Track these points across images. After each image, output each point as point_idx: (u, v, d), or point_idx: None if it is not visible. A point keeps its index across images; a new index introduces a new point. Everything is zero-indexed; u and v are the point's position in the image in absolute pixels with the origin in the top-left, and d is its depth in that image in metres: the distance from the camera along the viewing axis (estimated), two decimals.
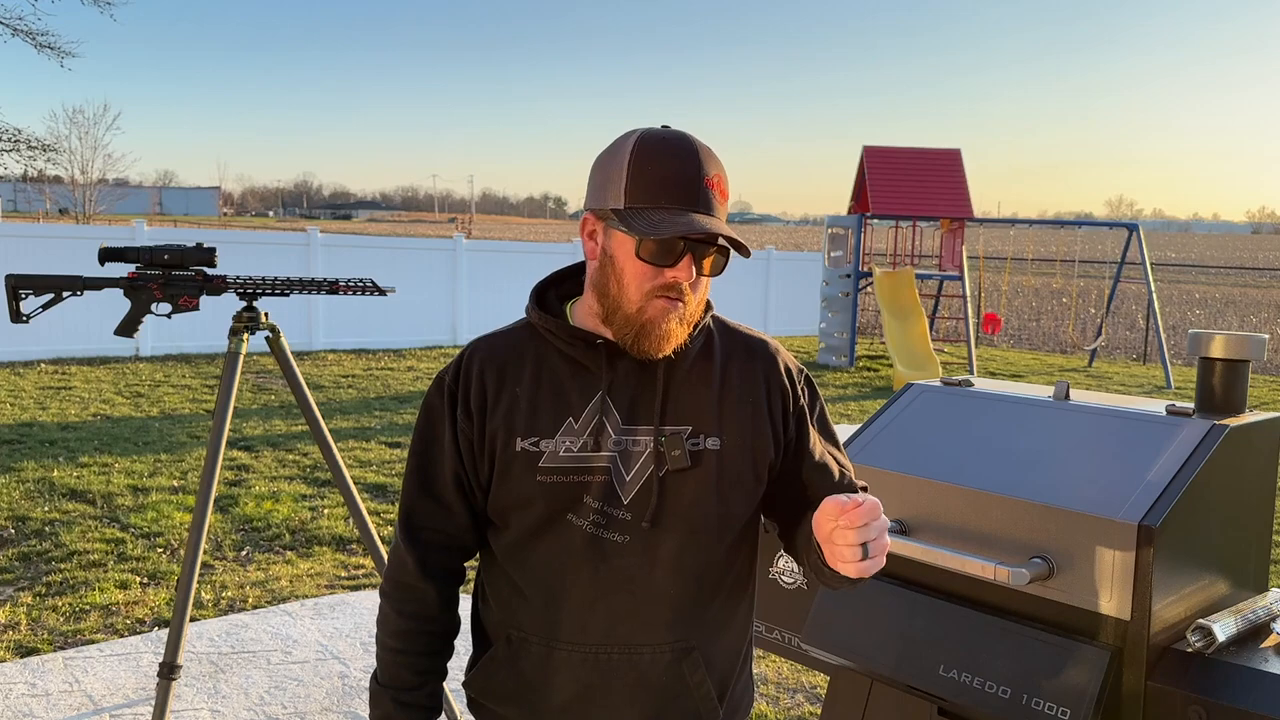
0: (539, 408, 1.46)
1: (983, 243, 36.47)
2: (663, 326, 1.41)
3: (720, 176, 1.43)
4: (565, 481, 1.44)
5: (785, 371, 1.58)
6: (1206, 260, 75.37)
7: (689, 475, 1.45)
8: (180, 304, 3.10)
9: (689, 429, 1.47)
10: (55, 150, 26.19)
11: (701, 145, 1.43)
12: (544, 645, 1.48)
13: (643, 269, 1.41)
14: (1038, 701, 1.92)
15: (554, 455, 1.44)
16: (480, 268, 15.25)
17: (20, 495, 6.24)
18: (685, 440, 1.46)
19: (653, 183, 1.39)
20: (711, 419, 1.48)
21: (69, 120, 71.85)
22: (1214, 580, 2.06)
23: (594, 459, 1.44)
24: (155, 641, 4.22)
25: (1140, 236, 15.05)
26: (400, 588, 1.53)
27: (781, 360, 1.59)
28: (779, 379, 1.56)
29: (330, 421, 8.91)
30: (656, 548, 1.45)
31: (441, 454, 1.50)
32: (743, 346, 1.56)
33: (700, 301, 1.47)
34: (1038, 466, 2.09)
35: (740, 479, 1.49)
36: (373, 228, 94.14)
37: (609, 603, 1.45)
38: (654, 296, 1.41)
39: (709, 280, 1.47)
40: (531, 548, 1.47)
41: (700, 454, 1.46)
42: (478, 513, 1.53)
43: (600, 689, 1.47)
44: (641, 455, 1.45)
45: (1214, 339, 2.15)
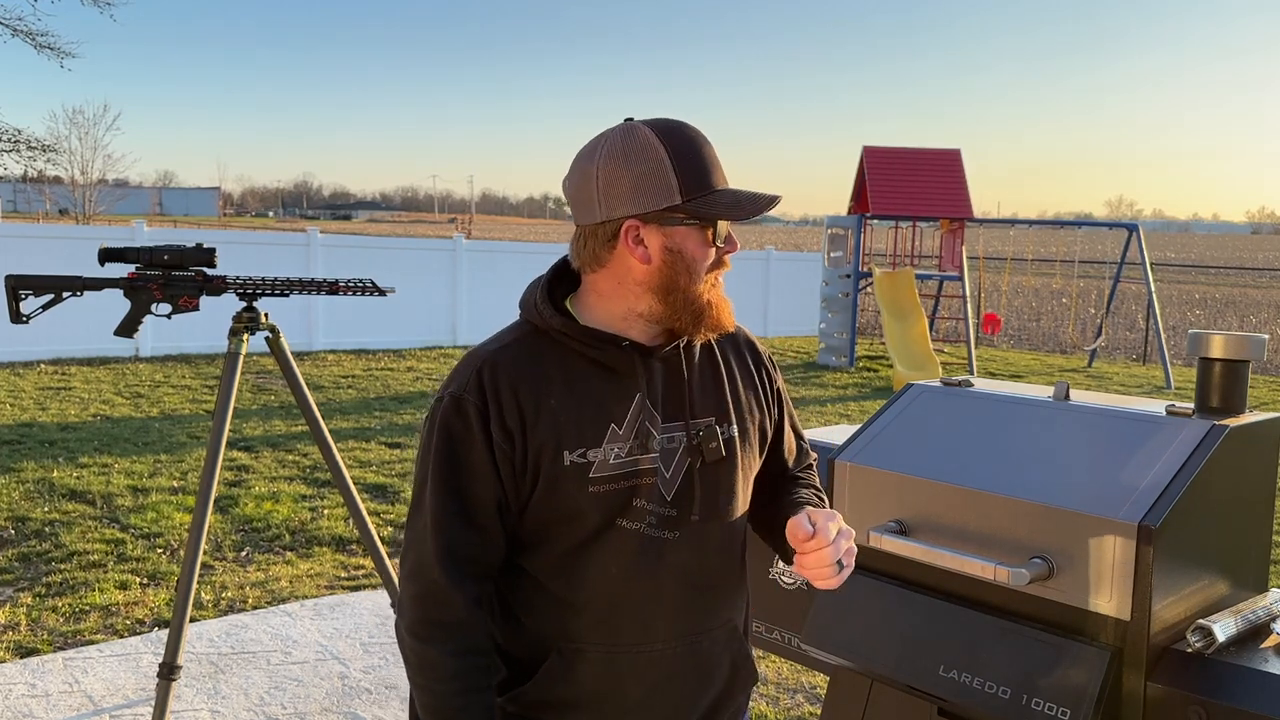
0: (579, 418, 1.42)
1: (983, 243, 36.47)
2: (726, 303, 1.50)
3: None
4: (616, 489, 1.43)
5: (761, 354, 1.67)
6: (1206, 260, 75.38)
7: (723, 464, 1.51)
8: (180, 304, 3.10)
9: (712, 419, 1.53)
10: (55, 151, 26.19)
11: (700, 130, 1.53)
12: (605, 652, 1.46)
13: (710, 254, 1.47)
14: (1038, 702, 1.92)
15: (604, 464, 1.42)
16: (480, 268, 15.25)
17: (20, 496, 6.24)
18: (724, 424, 1.54)
19: (700, 171, 1.42)
20: (729, 408, 1.55)
21: (69, 121, 71.86)
22: (1214, 580, 2.06)
23: (642, 461, 1.44)
24: (155, 642, 4.22)
25: (1140, 237, 15.05)
26: (447, 629, 1.42)
27: (754, 343, 1.68)
28: (762, 361, 1.66)
29: (330, 422, 8.91)
30: (706, 539, 1.50)
31: (476, 479, 1.41)
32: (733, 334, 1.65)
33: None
34: (1038, 467, 2.09)
35: (754, 462, 1.59)
36: (373, 228, 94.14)
37: (671, 599, 1.48)
38: (714, 281, 1.49)
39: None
40: (583, 559, 1.44)
41: (730, 442, 1.53)
42: (511, 532, 1.47)
43: (667, 683, 1.50)
44: (678, 451, 1.48)
45: (1214, 339, 2.15)
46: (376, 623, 4.49)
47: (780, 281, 18.66)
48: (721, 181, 1.45)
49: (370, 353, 13.70)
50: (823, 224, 15.43)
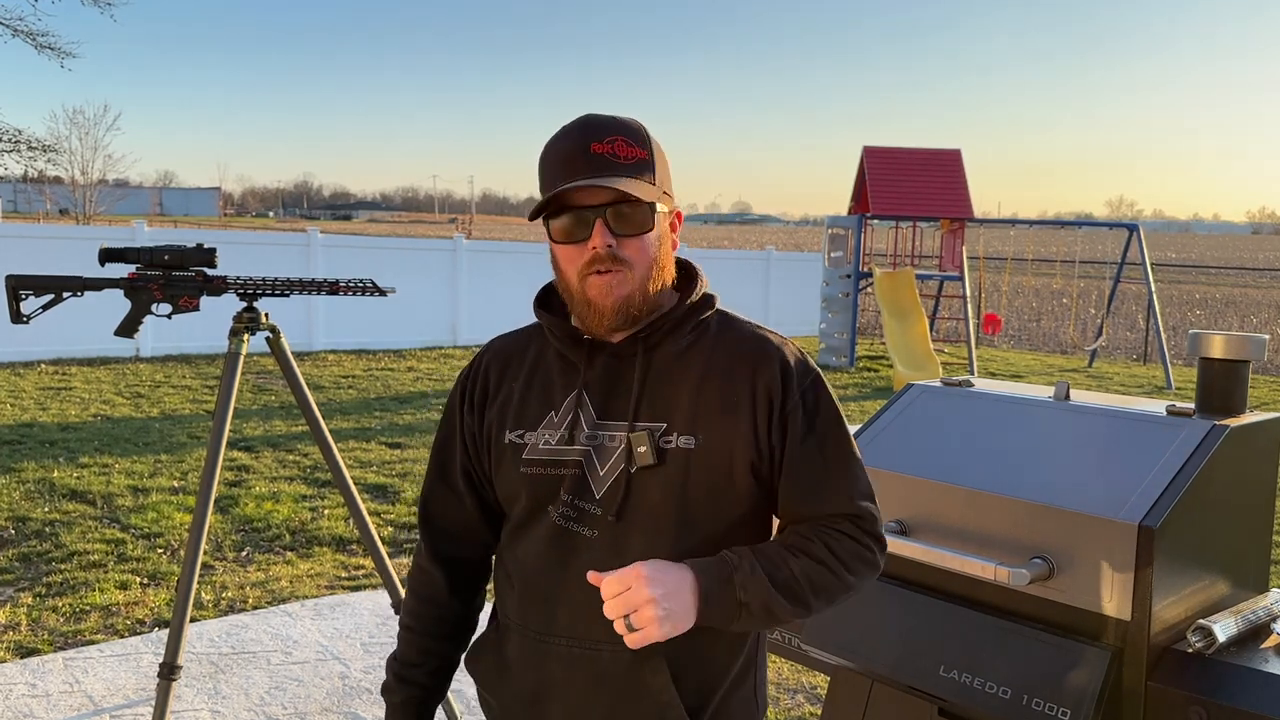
0: (528, 401, 1.51)
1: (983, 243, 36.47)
2: (605, 302, 1.42)
3: (616, 139, 1.42)
4: (544, 474, 1.47)
5: (781, 373, 1.47)
6: (1207, 261, 75.37)
7: (656, 473, 1.43)
8: (180, 304, 3.10)
9: (664, 426, 1.44)
10: (55, 151, 26.21)
11: (594, 120, 1.44)
12: (520, 634, 1.51)
13: (567, 251, 1.44)
14: (1038, 702, 1.92)
15: (534, 448, 1.48)
16: (480, 268, 15.25)
17: (20, 496, 6.24)
18: (657, 437, 1.44)
19: (545, 171, 1.44)
20: (686, 417, 1.44)
21: (69, 121, 71.88)
22: (1214, 580, 2.06)
23: (568, 452, 1.46)
24: (155, 642, 4.22)
25: (1140, 237, 15.05)
26: (417, 570, 1.63)
27: (779, 361, 1.48)
28: (769, 380, 1.46)
29: (330, 422, 8.91)
30: (624, 544, 1.43)
31: (453, 445, 1.59)
32: (738, 342, 1.50)
33: (650, 265, 1.44)
34: (1038, 467, 2.09)
35: (713, 481, 1.43)
36: (373, 228, 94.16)
37: (574, 596, 1.46)
38: (588, 275, 1.42)
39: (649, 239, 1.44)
40: (519, 538, 1.52)
41: (669, 452, 1.43)
42: (489, 504, 1.59)
43: (562, 682, 1.47)
44: (616, 450, 1.45)
45: (1214, 339, 2.15)
46: (377, 623, 4.49)
47: (780, 281, 18.66)
48: (564, 176, 1.41)
49: (370, 353, 13.70)
50: (823, 224, 15.43)
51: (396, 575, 3.41)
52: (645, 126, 1.48)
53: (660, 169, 1.47)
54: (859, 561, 1.44)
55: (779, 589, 1.37)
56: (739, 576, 1.36)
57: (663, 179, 1.47)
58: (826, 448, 1.47)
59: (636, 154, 1.44)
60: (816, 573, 1.40)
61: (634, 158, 1.43)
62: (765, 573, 1.37)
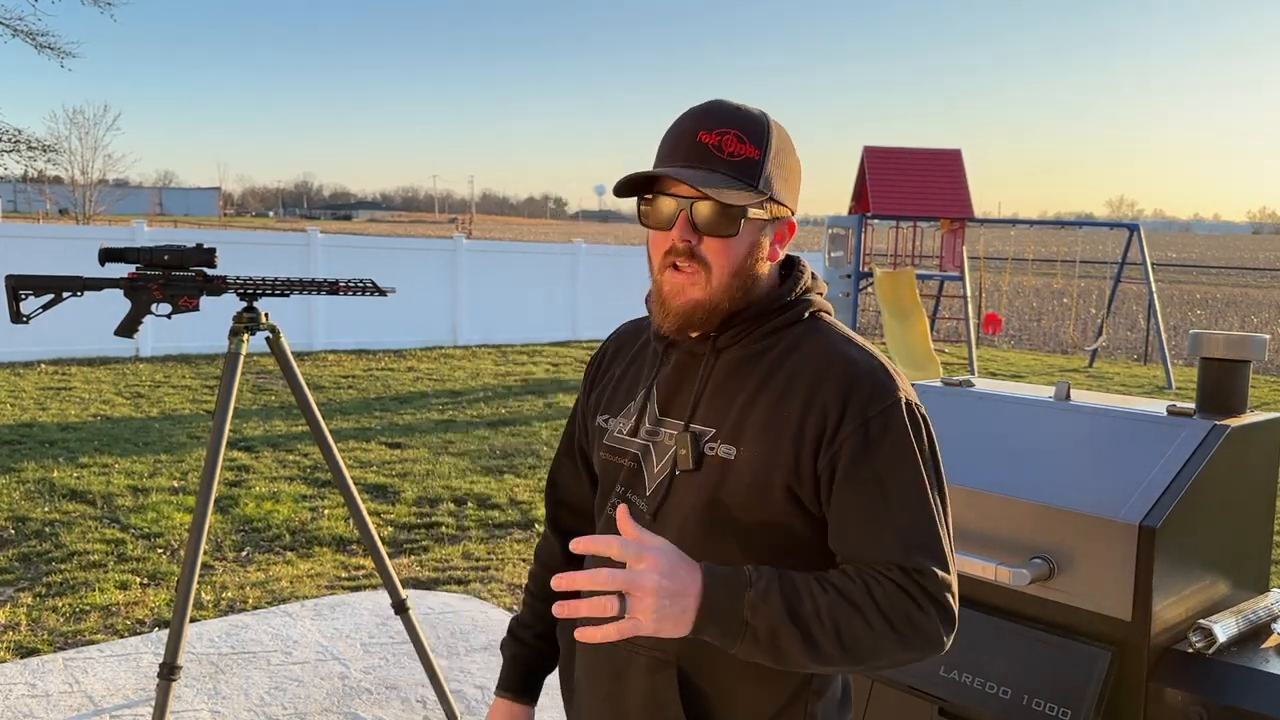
0: (619, 388, 1.53)
1: (983, 243, 36.47)
2: (673, 302, 1.35)
3: (728, 133, 1.32)
4: (612, 462, 1.48)
5: (843, 396, 1.31)
6: (1207, 260, 75.38)
7: (694, 478, 1.36)
8: (180, 304, 3.10)
9: (711, 432, 1.37)
10: (55, 151, 26.22)
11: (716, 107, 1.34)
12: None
13: (654, 236, 1.36)
14: (1038, 702, 1.92)
15: (611, 434, 1.49)
16: (480, 268, 15.24)
17: (20, 496, 6.24)
18: (702, 443, 1.37)
19: (659, 149, 1.37)
20: (732, 426, 1.35)
21: (69, 121, 71.89)
22: (1215, 580, 2.06)
23: (630, 444, 1.45)
24: (155, 642, 4.22)
25: (1141, 237, 15.04)
26: (542, 537, 1.72)
27: (847, 382, 1.32)
28: (826, 401, 1.32)
29: (330, 422, 8.91)
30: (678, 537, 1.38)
31: (574, 419, 1.64)
32: (809, 356, 1.36)
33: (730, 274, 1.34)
34: (1038, 467, 2.09)
35: (746, 496, 1.33)
36: (373, 228, 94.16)
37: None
38: (666, 267, 1.35)
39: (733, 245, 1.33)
40: (595, 521, 1.54)
41: (708, 460, 1.36)
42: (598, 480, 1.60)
43: (592, 678, 1.47)
44: (668, 450, 1.40)
45: (1215, 339, 2.15)
46: (377, 623, 4.49)
47: None
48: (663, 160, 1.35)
49: (370, 353, 13.70)
50: (823, 224, 15.43)
51: (396, 575, 3.41)
52: (773, 126, 1.35)
53: (775, 174, 1.34)
54: (907, 623, 1.24)
55: (793, 620, 1.21)
56: (750, 594, 1.21)
57: (776, 185, 1.34)
58: (885, 485, 1.29)
59: (745, 152, 1.32)
60: (846, 617, 1.23)
61: (740, 155, 1.32)
62: (784, 599, 1.22)
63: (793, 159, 1.38)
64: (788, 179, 1.37)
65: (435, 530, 5.93)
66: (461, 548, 5.62)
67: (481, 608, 4.73)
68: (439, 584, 5.06)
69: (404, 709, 3.71)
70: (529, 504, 6.50)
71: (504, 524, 6.09)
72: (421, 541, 5.72)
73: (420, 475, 7.12)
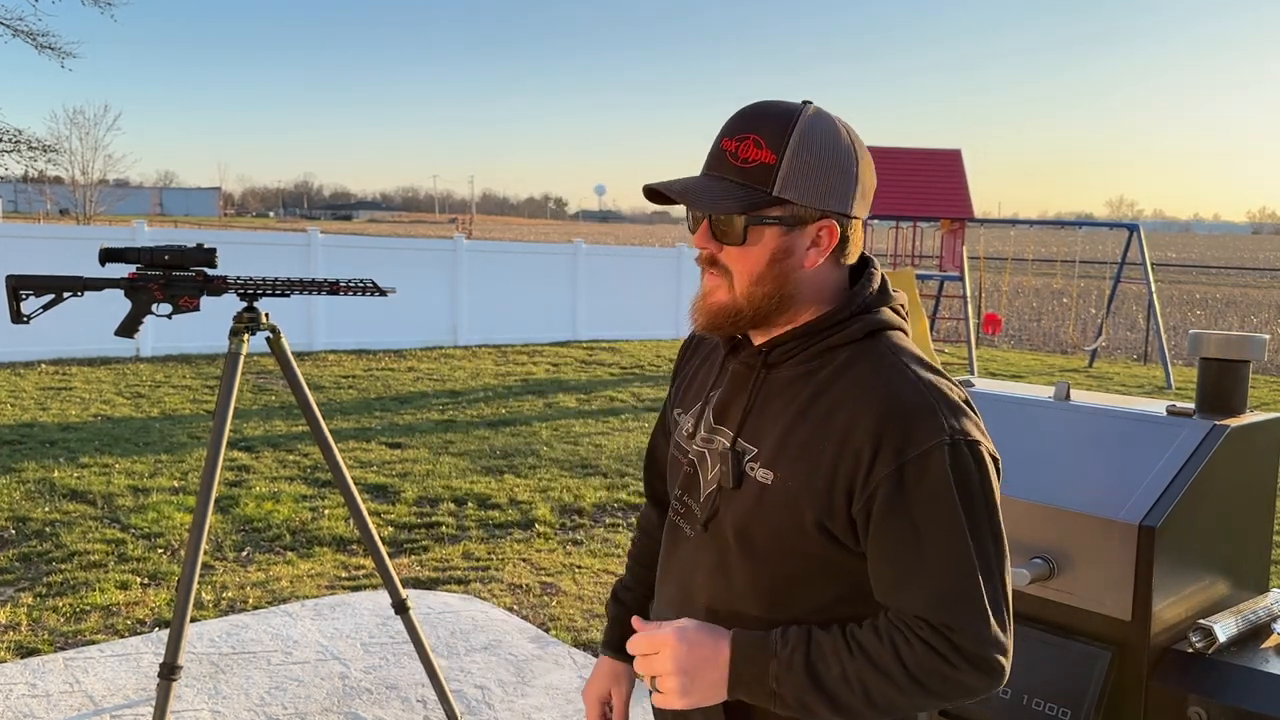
0: (693, 383, 1.53)
1: (983, 243, 36.45)
2: (700, 304, 1.35)
3: (749, 138, 1.28)
4: (676, 460, 1.49)
5: (882, 432, 1.23)
6: (1207, 260, 75.38)
7: (735, 496, 1.34)
8: (181, 304, 3.10)
9: (754, 451, 1.33)
10: (56, 151, 26.23)
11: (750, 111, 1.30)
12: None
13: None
14: (1038, 702, 1.92)
15: (680, 429, 1.51)
16: (481, 268, 15.25)
17: (21, 496, 6.24)
18: (744, 461, 1.34)
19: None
20: (772, 449, 1.31)
21: (69, 121, 71.92)
22: (1214, 580, 2.06)
23: (689, 447, 1.45)
24: (156, 642, 4.22)
25: (1141, 237, 15.04)
26: (644, 505, 1.83)
27: (891, 417, 1.23)
28: (864, 435, 1.24)
29: (330, 422, 8.91)
30: (705, 553, 1.39)
31: (667, 401, 1.65)
32: (859, 381, 1.29)
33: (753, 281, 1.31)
34: (1038, 467, 2.09)
35: (780, 523, 1.29)
36: (373, 228, 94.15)
37: (668, 588, 1.48)
38: (702, 271, 1.36)
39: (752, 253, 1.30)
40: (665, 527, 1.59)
41: (747, 480, 1.33)
42: None
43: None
44: (718, 461, 1.38)
45: (1214, 339, 2.15)
46: (377, 623, 4.49)
47: None
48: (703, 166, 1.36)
49: (371, 353, 13.70)
50: None
51: (396, 575, 3.41)
52: (800, 125, 1.28)
53: (797, 176, 1.27)
54: (939, 681, 1.22)
55: (819, 688, 1.22)
56: (775, 666, 1.23)
57: (797, 187, 1.28)
58: (920, 535, 1.22)
59: (761, 158, 1.27)
60: (875, 680, 1.22)
61: (754, 161, 1.28)
62: (809, 666, 1.23)
63: (831, 156, 1.29)
64: (820, 179, 1.28)
65: (435, 530, 5.94)
66: (461, 548, 5.63)
67: (481, 608, 4.73)
68: (439, 584, 5.06)
69: (404, 709, 3.71)
70: (529, 504, 6.51)
71: (504, 524, 6.10)
72: (421, 541, 5.72)
73: (420, 475, 7.13)
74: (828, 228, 1.31)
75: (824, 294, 1.35)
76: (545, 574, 5.25)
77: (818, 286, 1.34)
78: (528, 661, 4.15)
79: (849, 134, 1.32)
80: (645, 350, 15.24)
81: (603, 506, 6.48)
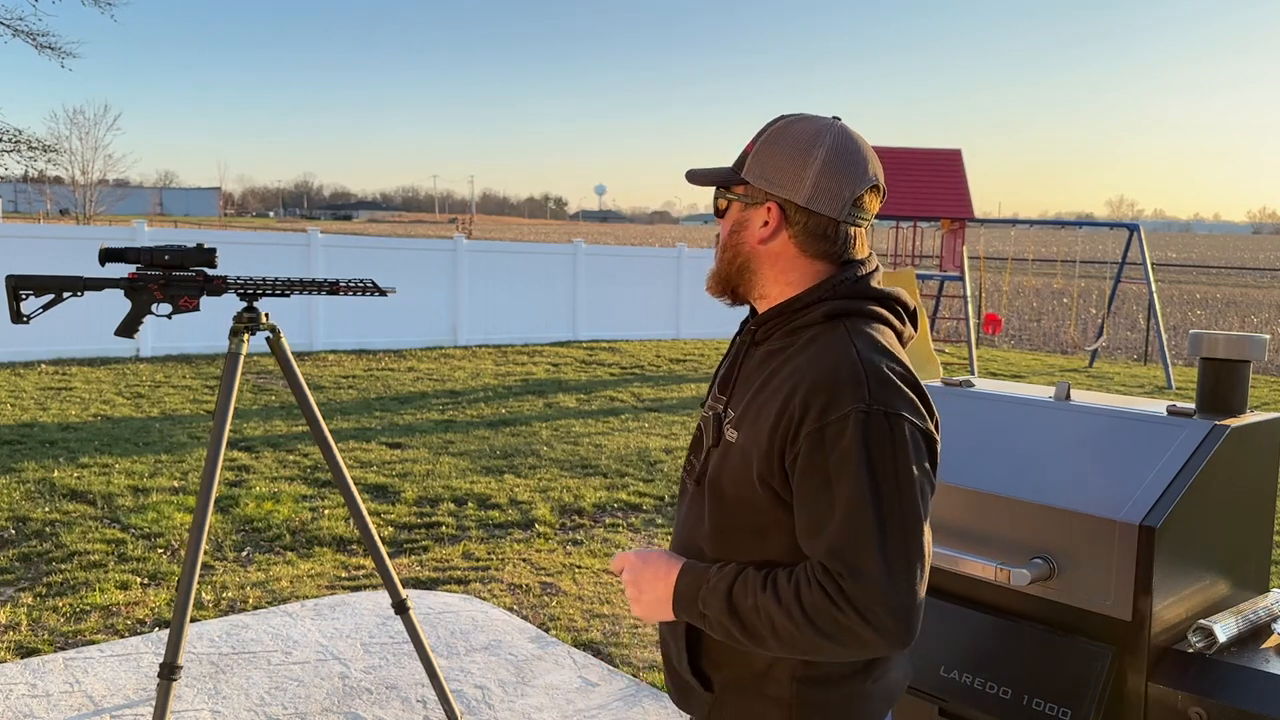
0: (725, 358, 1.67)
1: (983, 243, 36.45)
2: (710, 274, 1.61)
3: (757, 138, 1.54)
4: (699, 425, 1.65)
5: (814, 395, 1.38)
6: (1207, 260, 75.37)
7: (715, 454, 1.53)
8: (181, 305, 3.10)
9: (733, 415, 1.52)
10: (56, 151, 26.21)
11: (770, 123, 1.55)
12: None
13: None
14: (1039, 702, 1.92)
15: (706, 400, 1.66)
16: (481, 268, 15.25)
17: (21, 496, 6.24)
18: (724, 423, 1.53)
19: None
20: (741, 412, 1.50)
21: (69, 121, 71.98)
22: (1215, 580, 2.06)
23: (704, 413, 1.61)
24: (156, 642, 4.22)
25: (1141, 237, 15.04)
26: None
27: (825, 384, 1.38)
28: (801, 399, 1.40)
29: (330, 422, 8.91)
30: (696, 504, 1.57)
31: None
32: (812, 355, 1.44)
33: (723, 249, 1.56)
34: (1038, 467, 2.09)
35: (738, 477, 1.47)
36: (373, 228, 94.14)
37: (675, 536, 1.65)
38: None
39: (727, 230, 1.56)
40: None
41: (724, 440, 1.52)
42: None
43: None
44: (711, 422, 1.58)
45: (1215, 339, 2.15)
46: (377, 623, 4.49)
47: None
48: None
49: (371, 353, 13.70)
50: None
51: (396, 575, 3.41)
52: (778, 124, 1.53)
53: (757, 161, 1.51)
54: (828, 621, 1.34)
55: (734, 614, 1.40)
56: (704, 590, 1.43)
57: (753, 171, 1.51)
58: (831, 490, 1.36)
59: (746, 150, 1.54)
60: (779, 615, 1.37)
61: (744, 153, 1.54)
62: (729, 594, 1.41)
63: (791, 152, 1.48)
64: (770, 163, 1.50)
65: (435, 530, 5.94)
66: (461, 548, 5.63)
67: (481, 608, 4.73)
68: (439, 584, 5.06)
69: (404, 709, 3.71)
70: (529, 504, 6.50)
71: (504, 524, 6.09)
72: (421, 541, 5.72)
73: (420, 475, 7.13)
74: (773, 208, 1.50)
75: (791, 277, 1.52)
76: (545, 574, 5.25)
77: (779, 268, 1.52)
78: (528, 661, 4.15)
79: (835, 143, 1.49)
80: (645, 350, 15.24)
81: (603, 506, 6.48)
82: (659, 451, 8.15)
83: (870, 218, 1.53)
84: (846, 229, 1.49)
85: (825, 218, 1.48)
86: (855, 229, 1.50)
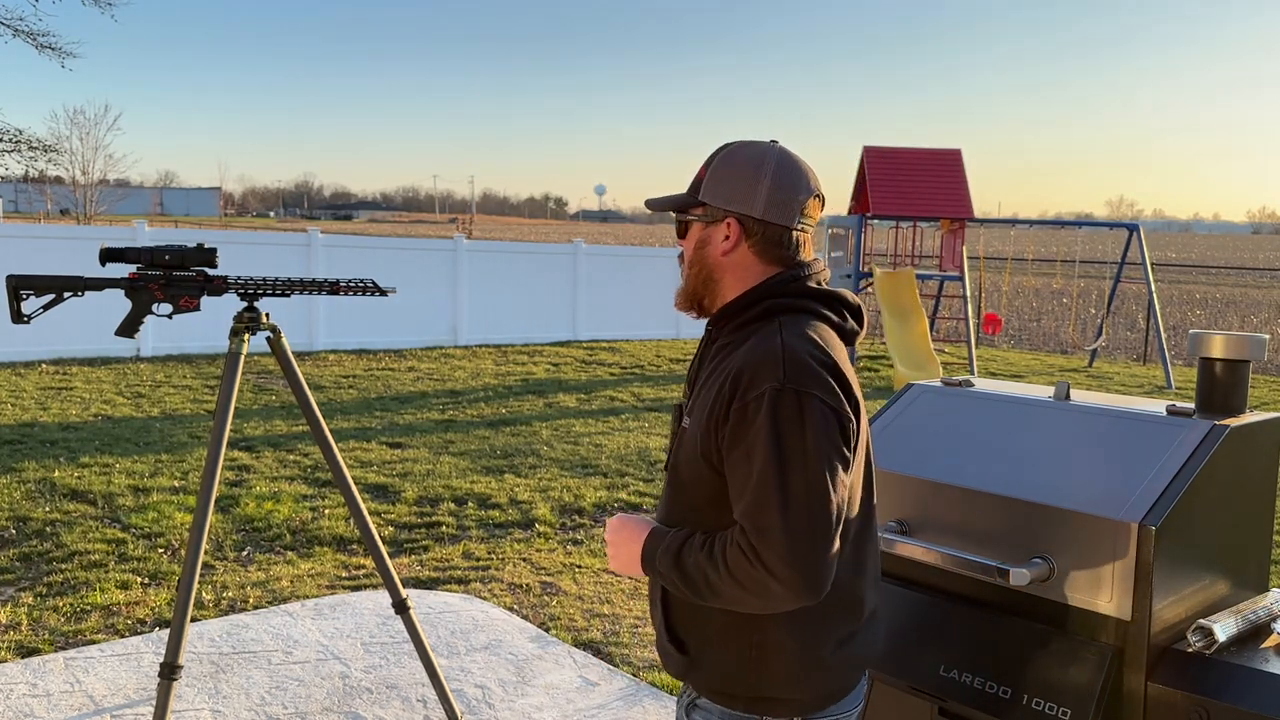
0: None
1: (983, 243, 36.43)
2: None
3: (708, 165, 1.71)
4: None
5: (741, 378, 1.56)
6: (1207, 260, 75.36)
7: (676, 439, 1.72)
8: (181, 304, 3.10)
9: (691, 404, 1.70)
10: (56, 151, 26.19)
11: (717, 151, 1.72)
12: None
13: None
14: (1038, 702, 1.92)
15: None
16: (481, 268, 15.24)
17: (21, 496, 6.24)
18: (684, 412, 1.72)
19: None
20: (695, 402, 1.68)
21: (70, 121, 71.92)
22: (1214, 580, 2.06)
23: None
24: (156, 642, 4.22)
25: (1141, 237, 15.04)
26: None
27: (750, 368, 1.56)
28: (732, 382, 1.57)
29: (331, 422, 8.91)
30: (665, 489, 1.73)
31: None
32: (749, 347, 1.60)
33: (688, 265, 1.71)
34: (1038, 466, 2.09)
35: (691, 458, 1.64)
36: (373, 228, 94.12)
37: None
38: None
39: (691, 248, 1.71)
40: None
41: (683, 427, 1.70)
42: None
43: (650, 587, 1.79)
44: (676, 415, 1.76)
45: (1214, 339, 2.15)
46: (377, 622, 4.49)
47: None
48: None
49: (371, 353, 13.70)
50: (823, 224, 15.42)
51: (397, 575, 3.42)
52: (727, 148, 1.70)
53: (710, 182, 1.68)
54: (746, 575, 1.50)
55: (680, 570, 1.57)
56: (660, 550, 1.61)
57: (707, 192, 1.68)
58: (751, 460, 1.52)
59: (699, 174, 1.71)
60: (711, 570, 1.54)
61: (697, 179, 1.71)
62: (678, 553, 1.58)
63: (742, 171, 1.66)
64: (724, 184, 1.67)
65: (435, 530, 5.94)
66: (462, 547, 5.63)
67: (482, 607, 4.73)
68: (439, 584, 5.06)
69: (404, 708, 3.71)
70: (529, 504, 6.51)
71: (504, 524, 6.10)
72: (422, 541, 5.72)
73: (420, 475, 7.13)
74: (732, 223, 1.67)
75: (746, 281, 1.68)
76: (545, 574, 5.25)
77: (739, 276, 1.68)
78: (528, 661, 4.15)
79: (780, 161, 1.66)
80: (645, 350, 15.24)
81: (603, 506, 6.48)
82: (659, 451, 8.15)
83: (814, 224, 1.70)
84: (796, 235, 1.67)
85: (779, 226, 1.66)
86: (803, 235, 1.68)
